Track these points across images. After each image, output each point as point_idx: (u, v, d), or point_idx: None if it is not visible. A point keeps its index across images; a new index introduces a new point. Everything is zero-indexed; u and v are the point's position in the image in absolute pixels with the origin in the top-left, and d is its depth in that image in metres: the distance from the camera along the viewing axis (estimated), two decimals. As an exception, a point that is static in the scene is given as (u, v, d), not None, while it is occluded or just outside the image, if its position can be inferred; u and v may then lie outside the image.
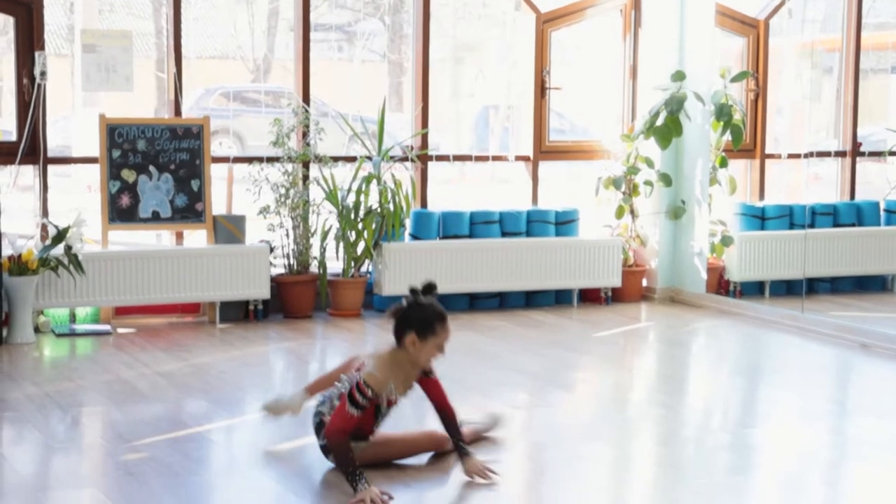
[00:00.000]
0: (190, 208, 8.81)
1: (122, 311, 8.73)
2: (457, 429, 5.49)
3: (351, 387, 5.27)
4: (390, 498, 5.03)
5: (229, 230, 8.81)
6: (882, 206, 10.40)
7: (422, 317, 5.41)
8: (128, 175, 8.70)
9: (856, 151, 10.46)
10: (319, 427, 5.46)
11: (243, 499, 5.13)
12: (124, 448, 5.71)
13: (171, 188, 8.79)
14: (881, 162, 10.68)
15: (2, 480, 5.29)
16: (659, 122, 9.61)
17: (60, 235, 8.10)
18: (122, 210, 8.67)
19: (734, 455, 5.87)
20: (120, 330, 8.47)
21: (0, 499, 5.02)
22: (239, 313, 8.86)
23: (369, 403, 5.27)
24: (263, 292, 8.78)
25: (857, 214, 10.25)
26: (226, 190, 9.08)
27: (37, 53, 8.45)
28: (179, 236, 9.06)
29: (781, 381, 7.52)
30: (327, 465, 5.53)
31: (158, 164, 8.76)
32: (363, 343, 8.25)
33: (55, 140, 8.93)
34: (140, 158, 8.72)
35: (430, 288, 5.49)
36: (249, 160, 9.04)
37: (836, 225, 10.17)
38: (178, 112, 8.91)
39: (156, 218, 8.76)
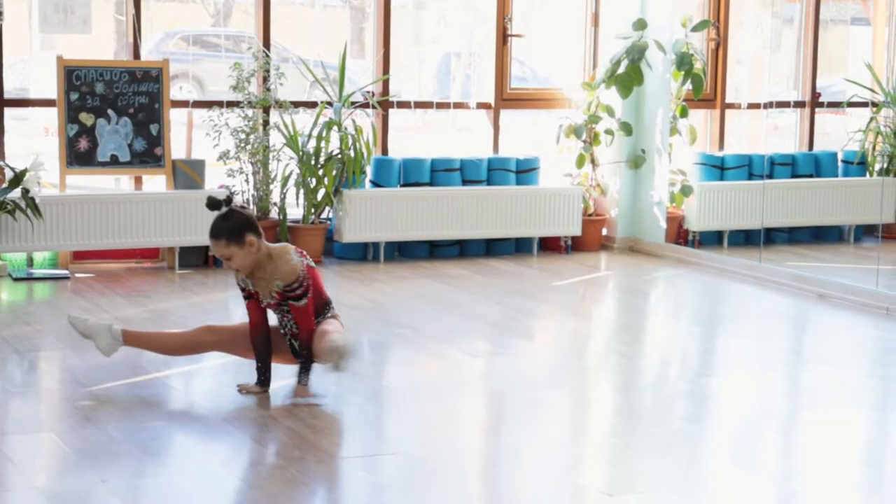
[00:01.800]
0: (149, 153, 8.76)
1: (79, 256, 8.68)
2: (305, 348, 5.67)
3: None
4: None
5: (189, 175, 8.76)
6: (840, 156, 10.47)
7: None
8: (86, 118, 8.63)
9: (815, 102, 10.50)
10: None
11: (201, 444, 5.13)
12: (82, 393, 5.69)
13: (130, 132, 8.72)
14: (839, 113, 10.74)
15: (-41, 425, 5.27)
16: (620, 70, 9.60)
17: (18, 179, 8.03)
18: (80, 154, 8.61)
19: (691, 403, 5.91)
20: (78, 275, 8.43)
21: (-43, 443, 5.01)
22: (198, 259, 8.83)
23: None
24: (223, 238, 8.73)
25: (815, 165, 10.31)
26: (185, 134, 9.02)
27: (-7, -6, 8.35)
28: (138, 181, 9.01)
29: (739, 331, 7.57)
30: (285, 410, 5.53)
31: (117, 107, 8.69)
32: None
33: (12, 83, 8.83)
34: (98, 101, 8.65)
35: (223, 202, 5.72)
36: (209, 105, 8.97)
37: (794, 175, 10.22)
38: (137, 55, 8.83)
39: (114, 162, 8.70)
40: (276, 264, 5.60)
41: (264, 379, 5.73)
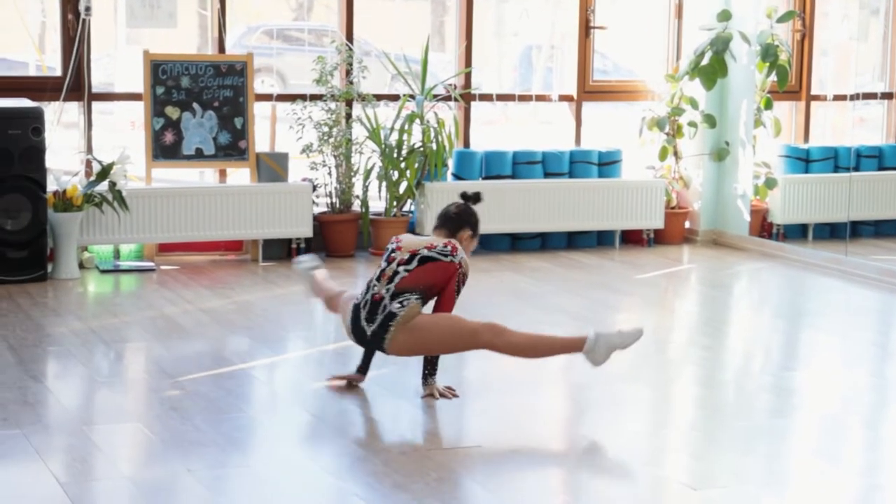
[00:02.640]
0: (233, 146, 8.83)
1: (165, 248, 8.78)
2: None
3: (458, 275, 5.57)
4: (454, 395, 5.58)
5: (272, 168, 8.83)
6: (928, 149, 10.32)
7: (476, 219, 5.86)
8: (171, 112, 8.72)
9: (902, 93, 10.36)
10: (388, 318, 5.49)
11: (284, 435, 5.17)
12: (168, 384, 5.76)
13: (215, 125, 8.80)
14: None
15: (47, 414, 5.36)
16: (704, 62, 9.54)
17: (105, 172, 8.14)
18: (165, 147, 8.70)
19: (775, 397, 5.87)
20: (163, 267, 8.52)
21: (46, 432, 5.09)
22: (282, 251, 8.89)
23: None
24: (306, 231, 8.81)
25: (902, 157, 10.17)
26: (269, 128, 9.09)
27: (81, -10, 8.46)
28: (223, 174, 9.09)
29: (823, 325, 7.50)
30: (366, 401, 5.56)
31: (202, 101, 8.77)
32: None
33: (99, 77, 8.95)
34: (184, 95, 8.73)
35: (477, 197, 5.96)
36: (293, 98, 9.03)
37: (881, 168, 10.09)
38: (221, 49, 8.91)
39: (199, 155, 8.79)
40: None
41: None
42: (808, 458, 5.03)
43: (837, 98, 10.34)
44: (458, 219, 5.83)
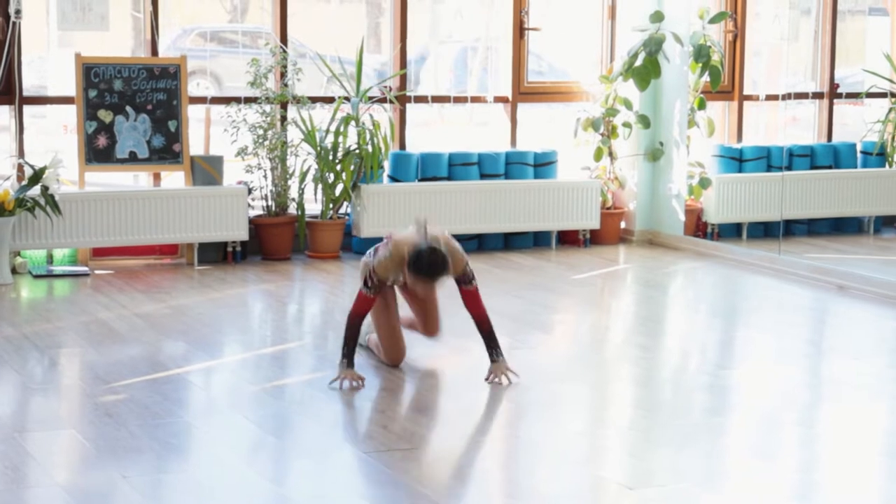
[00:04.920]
0: (167, 149, 8.77)
1: (99, 253, 8.70)
2: (489, 337, 5.91)
3: (368, 270, 5.79)
4: (362, 384, 5.73)
5: (207, 171, 8.77)
6: (859, 147, 10.43)
7: (416, 262, 5.70)
8: (104, 115, 8.65)
9: (833, 93, 10.46)
10: None
11: (222, 440, 5.14)
12: (102, 389, 5.71)
13: (149, 128, 8.74)
14: (858, 104, 10.70)
15: (-20, 422, 5.29)
16: (637, 63, 9.58)
17: (37, 176, 8.05)
18: (98, 151, 8.63)
19: (711, 396, 5.90)
20: (97, 271, 8.45)
21: (-21, 440, 5.03)
22: (217, 255, 8.85)
23: (379, 287, 5.82)
24: (242, 234, 8.77)
25: (834, 156, 10.27)
26: (203, 131, 9.04)
27: (11, -8, 8.38)
28: (157, 177, 9.03)
29: (758, 323, 7.56)
30: (306, 406, 5.55)
31: (135, 104, 8.70)
32: (342, 285, 8.25)
33: (30, 80, 8.86)
34: (117, 98, 8.67)
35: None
36: (227, 101, 8.99)
37: (813, 167, 10.19)
38: (154, 52, 8.85)
39: (133, 159, 8.72)
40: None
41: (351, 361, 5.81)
42: (745, 456, 5.06)
43: (769, 98, 10.43)
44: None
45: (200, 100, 9.04)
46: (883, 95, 10.36)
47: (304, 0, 9.64)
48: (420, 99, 9.58)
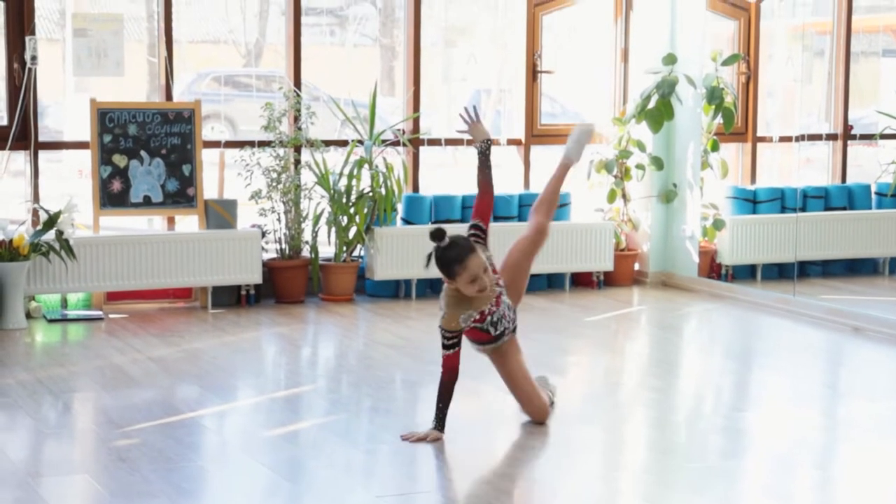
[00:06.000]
0: (181, 193, 8.80)
1: (113, 297, 8.72)
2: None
3: (441, 333, 5.77)
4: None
5: (221, 215, 8.80)
6: (873, 189, 10.41)
7: (442, 264, 5.70)
8: (119, 160, 8.68)
9: (847, 134, 10.46)
10: None
11: (236, 485, 5.13)
12: (116, 434, 5.71)
13: (163, 173, 8.77)
14: (872, 145, 10.69)
15: (-6, 467, 5.29)
16: (650, 105, 9.60)
17: (52, 220, 8.08)
18: (113, 195, 8.66)
19: (726, 439, 5.88)
20: (112, 315, 8.46)
21: (-8, 485, 5.03)
22: (231, 298, 8.86)
23: (457, 339, 5.77)
24: (255, 277, 8.78)
25: (848, 198, 10.25)
26: (217, 174, 9.07)
27: (27, 38, 8.43)
28: (171, 221, 9.05)
29: (773, 365, 7.53)
30: (319, 450, 5.54)
31: (150, 148, 8.74)
32: (355, 328, 8.25)
33: (48, 125, 8.91)
34: (131, 143, 8.70)
35: (438, 234, 5.72)
36: (241, 144, 9.02)
37: (827, 208, 10.17)
38: (169, 97, 8.89)
39: (147, 203, 8.75)
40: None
41: (442, 424, 5.72)
42: (760, 499, 5.03)
43: (783, 139, 10.42)
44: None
45: (214, 144, 9.08)
46: (897, 136, 10.35)
47: (318, 44, 9.69)
48: (433, 142, 9.60)
